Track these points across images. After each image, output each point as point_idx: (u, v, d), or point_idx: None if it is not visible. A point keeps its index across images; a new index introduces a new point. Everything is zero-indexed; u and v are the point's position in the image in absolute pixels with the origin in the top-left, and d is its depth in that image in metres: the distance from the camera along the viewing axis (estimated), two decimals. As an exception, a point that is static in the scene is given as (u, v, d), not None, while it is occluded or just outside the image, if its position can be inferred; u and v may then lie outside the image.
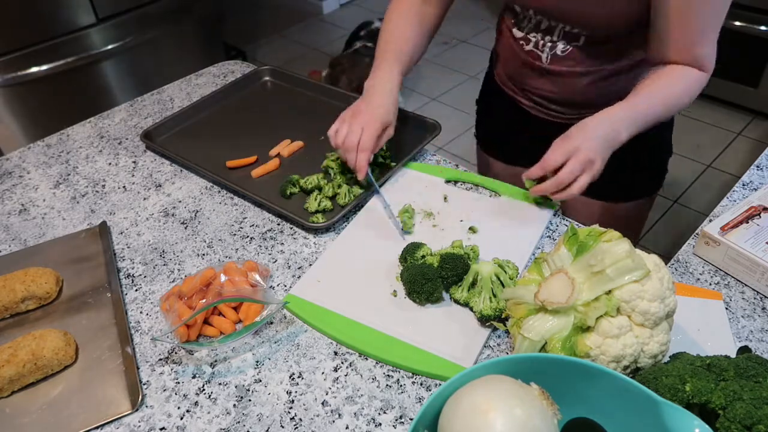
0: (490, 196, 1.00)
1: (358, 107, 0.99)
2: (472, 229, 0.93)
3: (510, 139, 1.21)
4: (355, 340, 0.77)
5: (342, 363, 0.76)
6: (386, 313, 0.81)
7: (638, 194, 1.17)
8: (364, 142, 0.95)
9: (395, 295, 0.83)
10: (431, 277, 0.80)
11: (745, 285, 0.82)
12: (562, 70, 1.02)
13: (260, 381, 0.75)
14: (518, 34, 1.06)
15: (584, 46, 0.98)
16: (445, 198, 0.99)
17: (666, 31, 0.88)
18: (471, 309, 0.80)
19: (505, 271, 0.81)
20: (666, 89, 0.92)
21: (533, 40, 1.03)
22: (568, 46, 0.99)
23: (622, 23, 0.92)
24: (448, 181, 1.03)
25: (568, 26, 0.97)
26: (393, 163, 1.06)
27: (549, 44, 1.01)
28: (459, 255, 0.82)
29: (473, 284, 0.81)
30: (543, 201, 0.96)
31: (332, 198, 1.00)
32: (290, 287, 0.86)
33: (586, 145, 0.86)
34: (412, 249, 0.85)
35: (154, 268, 0.91)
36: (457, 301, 0.81)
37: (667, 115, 0.93)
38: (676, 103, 0.92)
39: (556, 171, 0.87)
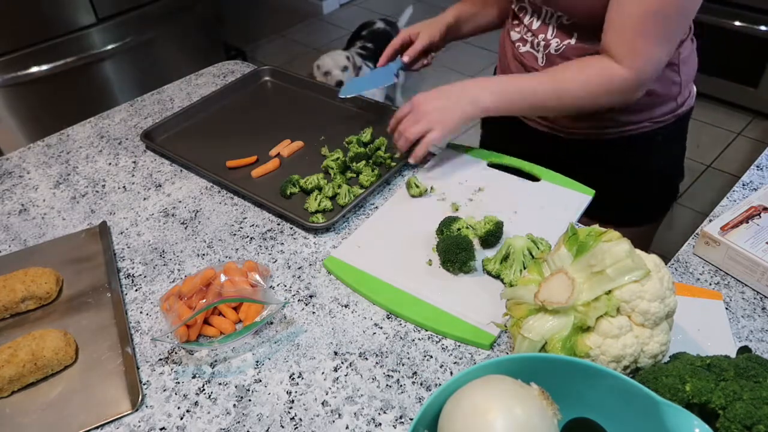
0: (531, 181, 1.01)
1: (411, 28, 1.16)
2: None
3: (510, 153, 1.21)
4: (388, 301, 0.82)
5: (342, 363, 0.76)
6: (420, 279, 0.85)
7: (649, 219, 1.17)
8: (412, 48, 1.14)
9: (430, 264, 0.87)
10: (465, 248, 0.83)
11: (745, 285, 0.82)
12: None
13: (260, 381, 0.75)
14: (515, 36, 1.07)
15: (577, 43, 0.98)
16: (484, 180, 1.02)
17: (610, 12, 0.87)
18: (502, 280, 0.83)
19: (538, 247, 0.84)
20: (561, 73, 0.93)
21: (529, 40, 1.04)
22: (562, 44, 0.99)
23: (598, 7, 0.90)
24: (490, 165, 1.05)
25: (557, 13, 0.97)
26: (393, 163, 1.06)
27: (543, 43, 1.01)
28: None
29: (506, 257, 0.84)
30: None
31: (332, 198, 1.00)
32: (290, 287, 0.86)
33: (424, 96, 0.99)
34: (448, 222, 0.89)
35: (154, 268, 0.91)
36: (489, 273, 0.85)
37: (559, 101, 0.93)
38: (573, 89, 0.92)
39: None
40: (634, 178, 1.10)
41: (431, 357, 0.76)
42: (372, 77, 1.19)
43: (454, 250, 0.83)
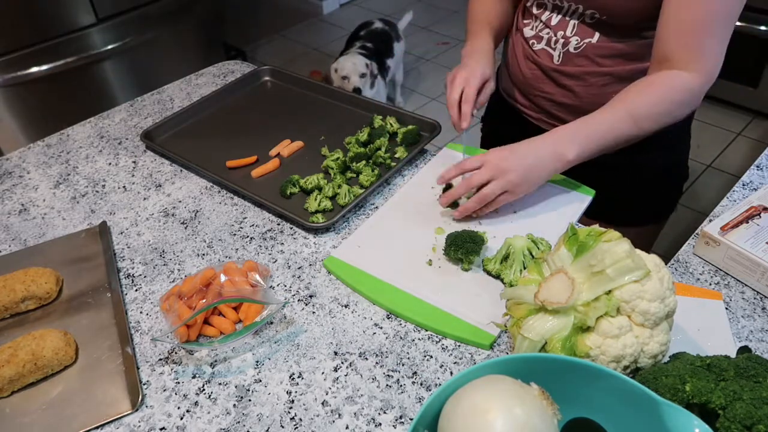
0: None
1: (457, 71, 1.01)
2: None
3: None
4: (388, 301, 0.82)
5: (342, 363, 0.76)
6: (420, 279, 0.85)
7: (652, 219, 1.17)
8: (466, 95, 0.98)
9: (430, 264, 0.87)
10: (475, 240, 0.84)
11: (745, 285, 0.82)
12: (573, 71, 1.01)
13: (260, 381, 0.75)
14: (528, 33, 1.05)
15: (599, 41, 0.96)
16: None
17: (669, 15, 0.85)
18: (502, 280, 0.83)
19: (538, 247, 0.84)
20: (635, 102, 0.88)
21: (545, 37, 1.02)
22: (582, 42, 0.98)
23: (639, 7, 0.89)
24: None
25: (588, 11, 0.95)
26: (393, 163, 1.06)
27: (562, 40, 1.00)
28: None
29: (506, 257, 0.84)
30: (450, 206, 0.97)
31: (332, 198, 1.00)
32: (290, 287, 0.86)
33: (499, 154, 0.89)
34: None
35: (154, 268, 0.91)
36: (489, 272, 0.85)
37: (639, 130, 0.89)
38: (650, 114, 0.88)
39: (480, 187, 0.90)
40: (640, 177, 1.10)
41: (431, 357, 0.76)
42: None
43: (464, 237, 0.84)
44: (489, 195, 0.89)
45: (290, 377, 0.75)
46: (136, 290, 0.87)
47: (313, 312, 0.83)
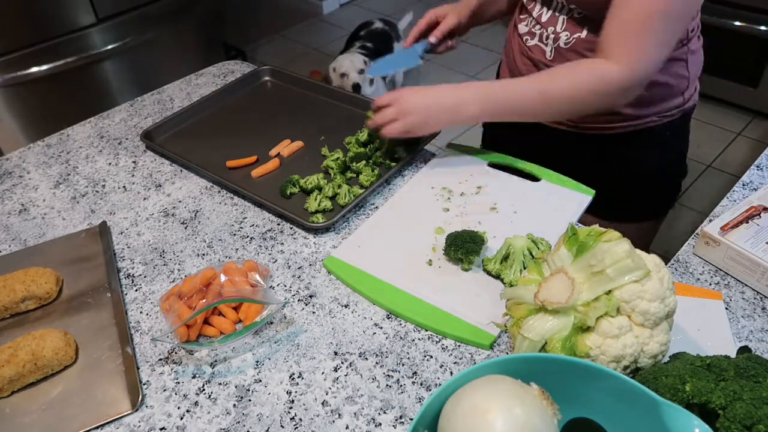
0: (531, 181, 1.02)
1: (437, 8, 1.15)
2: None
3: (513, 149, 1.21)
4: (388, 301, 0.82)
5: (342, 363, 0.76)
6: (420, 279, 0.85)
7: (650, 215, 1.17)
8: (421, 22, 1.13)
9: (430, 264, 0.87)
10: (476, 241, 0.84)
11: (745, 285, 0.82)
12: None
13: (260, 381, 0.75)
14: (523, 29, 1.06)
15: (588, 36, 0.97)
16: (485, 179, 1.02)
17: (612, 9, 0.87)
18: (502, 280, 0.83)
19: (538, 247, 0.84)
20: (549, 79, 0.92)
21: (537, 33, 1.03)
22: (572, 37, 0.98)
23: (605, 1, 0.90)
24: (491, 164, 1.05)
25: (572, 5, 0.96)
26: (393, 164, 1.06)
27: (552, 36, 1.00)
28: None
29: (506, 257, 0.84)
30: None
31: (332, 198, 1.00)
32: (290, 287, 0.86)
33: (408, 96, 0.97)
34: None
35: (154, 268, 0.91)
36: (489, 273, 0.85)
37: (548, 108, 0.92)
38: (562, 95, 0.91)
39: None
40: (640, 173, 1.10)
41: (431, 357, 0.76)
42: (397, 58, 1.18)
43: (464, 237, 0.84)
44: (392, 133, 0.98)
45: (290, 377, 0.75)
46: (136, 290, 0.87)
47: (313, 312, 0.83)
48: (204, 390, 0.74)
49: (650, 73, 0.89)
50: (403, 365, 0.75)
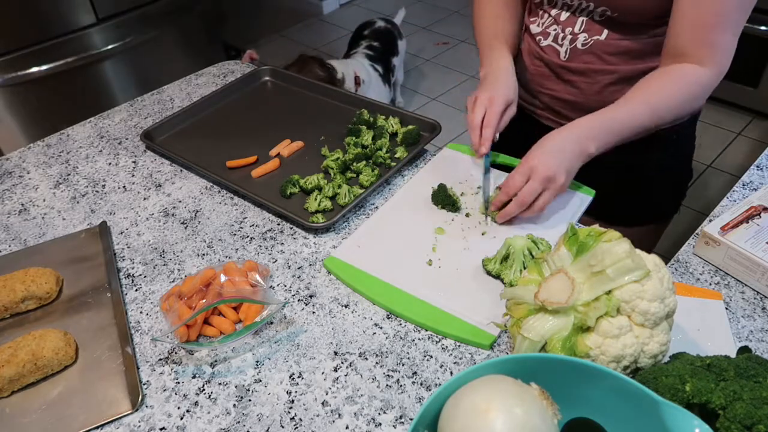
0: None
1: (479, 92, 0.99)
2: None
3: (519, 149, 1.20)
4: (388, 301, 0.82)
5: (342, 363, 0.76)
6: (420, 279, 0.85)
7: (655, 219, 1.16)
8: (488, 119, 0.96)
9: (430, 264, 0.87)
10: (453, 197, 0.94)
11: (745, 285, 0.82)
12: (579, 67, 1.01)
13: (260, 381, 0.75)
14: (535, 29, 1.05)
15: (607, 39, 0.96)
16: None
17: (683, 10, 0.85)
18: (502, 280, 0.83)
19: (538, 247, 0.84)
20: (653, 93, 0.88)
21: (552, 33, 1.02)
22: (590, 39, 0.97)
23: (652, 4, 0.89)
24: (491, 165, 1.04)
25: (599, 8, 0.94)
26: (393, 163, 1.06)
27: (570, 37, 0.99)
28: None
29: (506, 257, 0.84)
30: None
31: (332, 198, 1.00)
32: (290, 287, 0.86)
33: (543, 161, 0.86)
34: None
35: (154, 268, 0.91)
36: (489, 273, 0.85)
37: (657, 121, 0.89)
38: (668, 106, 0.88)
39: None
40: (643, 177, 1.10)
41: (431, 357, 0.76)
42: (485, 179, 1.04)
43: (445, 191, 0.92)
44: (541, 205, 0.88)
45: (290, 377, 0.75)
46: (136, 290, 0.87)
47: (313, 312, 0.83)
48: (204, 390, 0.74)
49: (729, 65, 0.89)
50: (403, 365, 0.75)
